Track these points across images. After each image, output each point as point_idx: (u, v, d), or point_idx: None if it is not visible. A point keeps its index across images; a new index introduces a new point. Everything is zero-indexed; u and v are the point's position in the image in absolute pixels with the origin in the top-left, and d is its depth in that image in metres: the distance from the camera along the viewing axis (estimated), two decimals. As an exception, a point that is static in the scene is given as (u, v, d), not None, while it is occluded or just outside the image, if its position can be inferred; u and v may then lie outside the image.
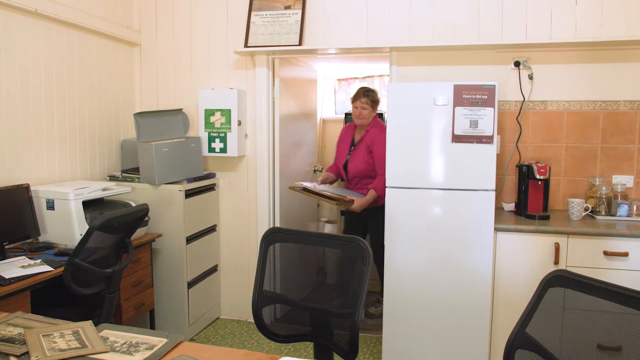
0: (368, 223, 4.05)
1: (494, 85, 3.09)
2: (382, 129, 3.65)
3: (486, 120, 3.11)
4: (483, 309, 3.20)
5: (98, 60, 3.90)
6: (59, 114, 3.52)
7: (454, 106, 3.14)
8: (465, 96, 3.12)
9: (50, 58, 3.43)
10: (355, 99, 3.83)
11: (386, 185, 3.30)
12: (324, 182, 4.04)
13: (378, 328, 3.90)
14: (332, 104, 5.92)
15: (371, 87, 4.06)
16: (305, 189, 3.76)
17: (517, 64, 3.58)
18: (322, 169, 5.32)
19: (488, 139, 3.12)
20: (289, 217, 4.44)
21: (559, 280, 1.65)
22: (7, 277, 2.42)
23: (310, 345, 3.67)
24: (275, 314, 2.17)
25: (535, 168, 3.31)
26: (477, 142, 3.13)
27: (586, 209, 3.34)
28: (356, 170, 3.92)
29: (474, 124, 3.12)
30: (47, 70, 3.41)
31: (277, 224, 4.25)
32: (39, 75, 3.35)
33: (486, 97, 3.09)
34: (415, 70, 3.81)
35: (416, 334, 3.32)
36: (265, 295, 2.11)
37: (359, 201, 3.73)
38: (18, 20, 3.17)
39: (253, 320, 4.08)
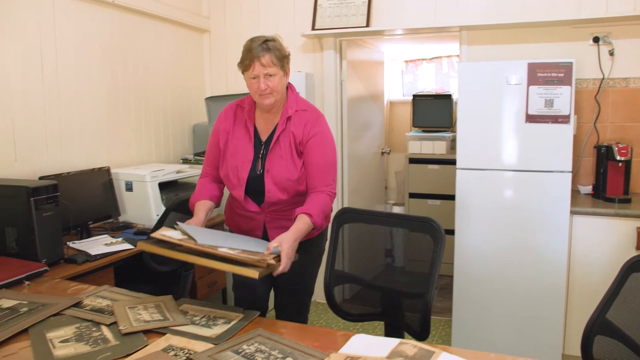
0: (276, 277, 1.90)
1: (571, 63, 2.96)
2: (319, 115, 2.21)
3: (562, 99, 2.99)
4: (557, 294, 3.11)
5: (170, 47, 4.03)
6: (135, 101, 3.68)
7: (528, 85, 3.04)
8: (540, 74, 3.01)
9: (126, 47, 3.57)
10: (249, 61, 2.06)
11: (458, 166, 3.22)
12: (199, 222, 2.09)
13: (447, 311, 3.88)
14: (399, 86, 5.86)
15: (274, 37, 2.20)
16: (171, 245, 1.83)
17: (596, 39, 3.40)
18: (389, 151, 5.29)
19: (564, 119, 3.00)
20: (357, 199, 4.45)
21: (644, 264, 1.59)
22: (93, 254, 2.57)
23: (377, 326, 3.69)
24: (343, 294, 2.20)
25: (615, 149, 3.16)
26: (553, 122, 3.02)
27: (671, 192, 3.16)
28: (280, 188, 2.14)
29: (549, 103, 3.01)
30: (124, 59, 3.56)
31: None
32: (117, 65, 3.50)
33: (562, 75, 2.97)
34: (486, 50, 3.70)
35: (487, 318, 3.27)
36: (336, 275, 2.13)
37: (286, 252, 1.83)
38: (96, 11, 3.31)
39: (321, 301, 4.16)
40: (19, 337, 1.57)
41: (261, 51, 2.06)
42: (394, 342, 1.42)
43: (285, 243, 1.85)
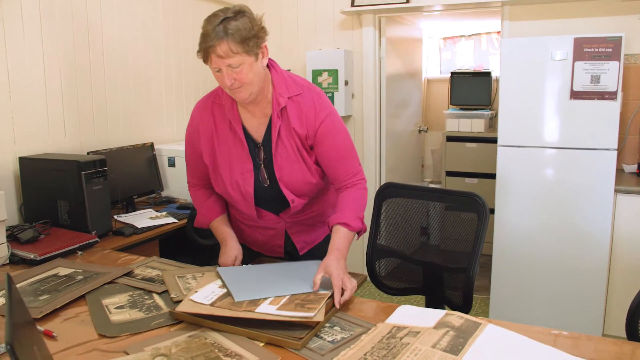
0: None
1: (620, 37, 2.88)
2: (318, 94, 1.79)
3: (610, 75, 2.92)
4: (599, 274, 3.07)
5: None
6: (177, 79, 3.73)
7: (574, 61, 2.98)
8: (586, 50, 2.94)
9: (167, 26, 3.62)
10: (204, 52, 1.61)
11: (499, 143, 3.19)
12: (234, 244, 1.94)
13: (484, 289, 3.87)
14: (437, 63, 5.78)
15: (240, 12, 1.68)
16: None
17: (646, 13, 3.30)
18: (427, 129, 5.26)
19: (611, 95, 2.93)
20: (394, 177, 4.44)
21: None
22: (139, 227, 2.65)
23: (413, 301, 3.71)
24: (379, 270, 2.21)
25: (663, 126, 3.08)
26: (599, 99, 2.96)
27: None
28: (300, 195, 1.82)
29: (595, 79, 2.94)
30: (166, 38, 3.61)
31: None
32: (159, 44, 3.55)
33: (611, 50, 2.89)
34: (528, 25, 3.62)
35: (525, 297, 3.26)
36: (378, 249, 2.16)
37: (338, 276, 1.59)
38: (141, -12, 3.37)
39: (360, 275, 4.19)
40: (77, 302, 1.64)
41: (216, 38, 1.56)
42: (439, 313, 1.44)
43: (331, 266, 1.58)
